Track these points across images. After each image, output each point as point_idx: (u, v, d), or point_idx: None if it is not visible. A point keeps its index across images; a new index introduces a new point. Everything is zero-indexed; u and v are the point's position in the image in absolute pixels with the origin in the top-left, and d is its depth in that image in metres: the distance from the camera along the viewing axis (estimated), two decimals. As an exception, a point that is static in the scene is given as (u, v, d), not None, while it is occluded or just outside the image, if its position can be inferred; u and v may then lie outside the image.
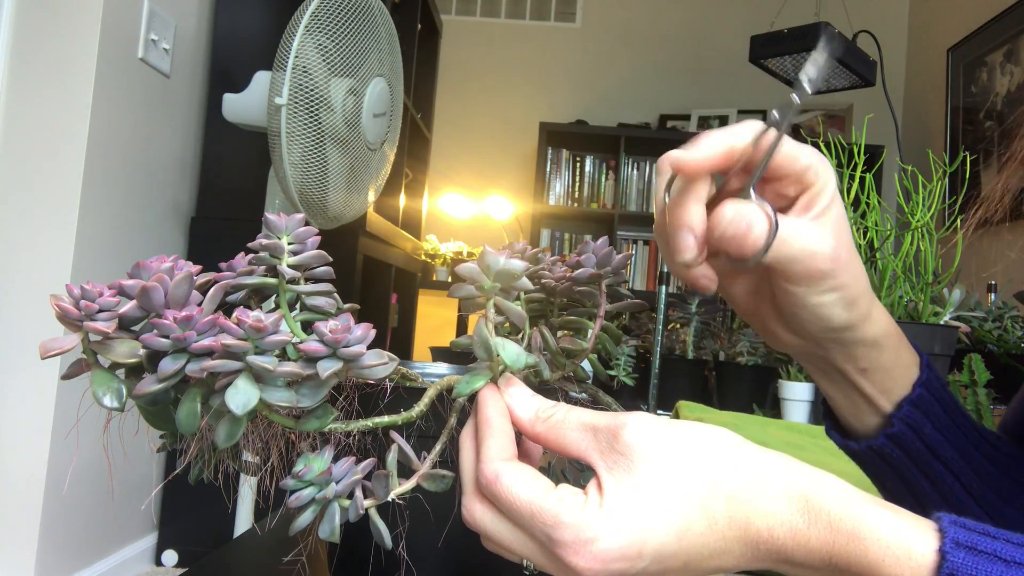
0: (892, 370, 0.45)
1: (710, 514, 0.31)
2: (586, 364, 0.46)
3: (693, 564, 0.32)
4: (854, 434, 0.49)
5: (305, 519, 0.36)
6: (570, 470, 0.47)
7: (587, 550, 0.31)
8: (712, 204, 0.38)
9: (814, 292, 0.39)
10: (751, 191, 0.37)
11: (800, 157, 0.38)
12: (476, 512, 0.34)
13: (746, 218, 0.36)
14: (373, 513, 0.38)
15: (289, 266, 0.39)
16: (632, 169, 4.05)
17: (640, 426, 0.33)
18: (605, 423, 0.33)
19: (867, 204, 0.86)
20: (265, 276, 0.41)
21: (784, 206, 0.39)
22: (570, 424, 0.34)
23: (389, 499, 0.37)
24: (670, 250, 0.38)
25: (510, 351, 0.37)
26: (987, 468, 0.48)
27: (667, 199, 0.38)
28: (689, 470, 0.32)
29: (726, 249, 0.37)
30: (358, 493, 0.37)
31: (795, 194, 0.39)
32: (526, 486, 0.33)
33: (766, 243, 0.36)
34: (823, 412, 0.51)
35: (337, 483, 0.37)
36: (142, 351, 0.34)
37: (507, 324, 0.46)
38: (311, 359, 0.35)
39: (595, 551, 0.31)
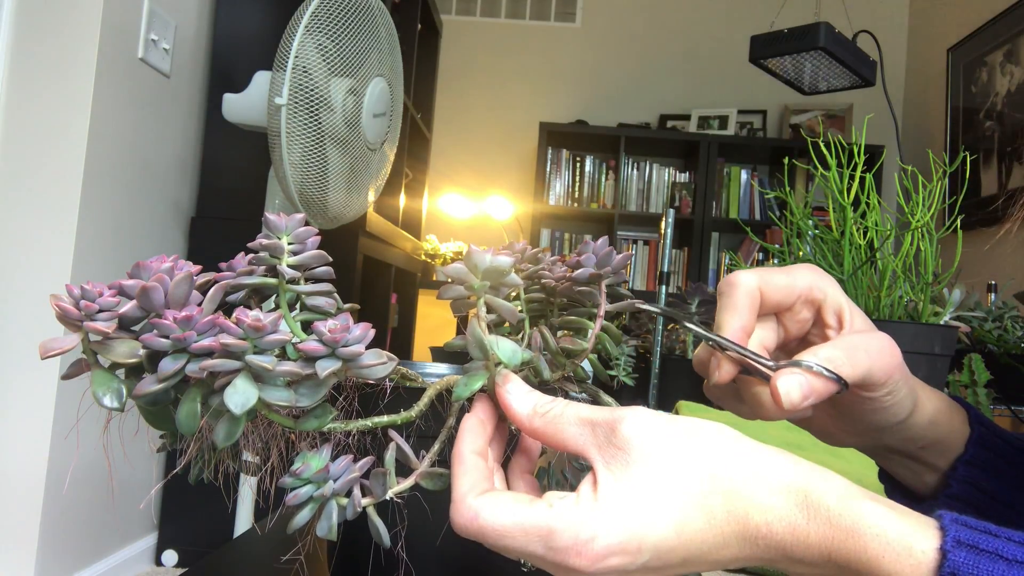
0: (947, 438, 0.46)
1: (708, 509, 0.31)
2: (586, 364, 0.46)
3: (692, 559, 0.31)
4: (914, 493, 0.50)
5: (303, 517, 0.36)
6: (570, 470, 0.47)
7: (588, 548, 0.30)
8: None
9: (889, 391, 0.40)
10: (762, 364, 0.39)
11: (795, 283, 0.41)
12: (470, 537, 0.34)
13: (804, 387, 0.37)
14: (371, 512, 0.38)
15: (289, 266, 0.39)
16: (632, 169, 4.05)
17: (638, 420, 0.32)
18: (603, 417, 0.33)
19: (867, 204, 0.86)
20: (265, 276, 0.41)
21: (811, 329, 0.42)
22: (568, 419, 0.34)
23: (387, 497, 0.37)
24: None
25: (505, 348, 0.36)
26: None
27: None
28: (687, 465, 0.32)
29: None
30: (356, 491, 0.37)
31: (811, 314, 0.42)
32: (508, 510, 0.32)
33: (840, 382, 0.38)
34: (880, 476, 0.51)
35: (335, 481, 0.37)
36: (142, 351, 0.34)
37: (507, 324, 0.46)
38: (310, 359, 0.35)
39: (596, 548, 0.30)
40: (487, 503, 0.33)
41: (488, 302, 0.38)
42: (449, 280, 0.38)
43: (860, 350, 0.38)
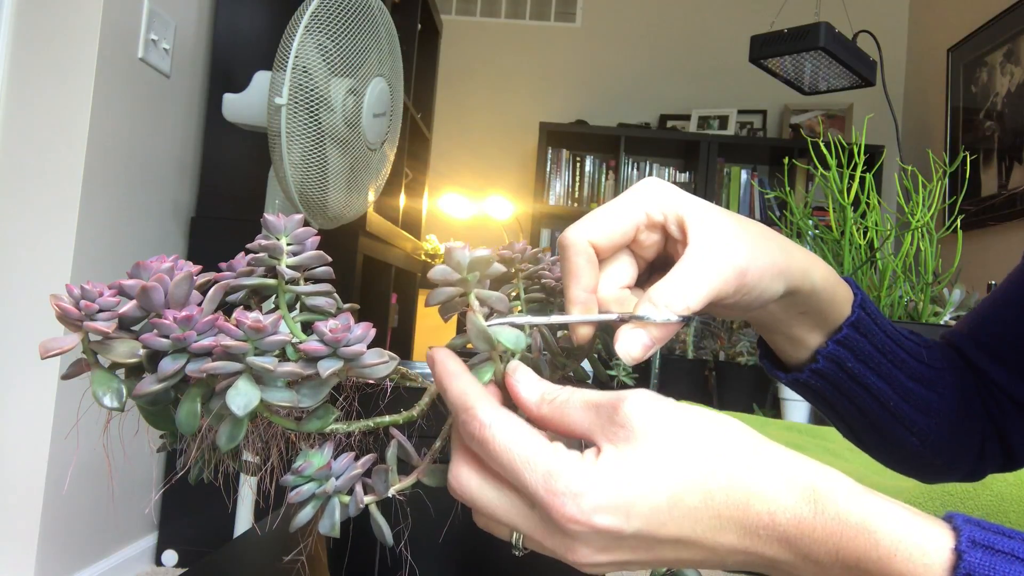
0: (828, 310, 0.46)
1: (707, 489, 0.31)
2: (586, 364, 0.46)
3: (686, 539, 0.31)
4: (786, 365, 0.51)
5: (305, 515, 0.36)
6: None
7: (579, 501, 0.30)
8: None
9: (742, 294, 0.39)
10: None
11: (628, 218, 0.39)
12: (463, 477, 0.33)
13: (644, 341, 0.38)
14: (374, 510, 0.38)
15: (288, 267, 0.39)
16: (632, 169, 4.05)
17: (640, 400, 0.32)
18: (607, 399, 0.33)
19: (867, 204, 0.86)
20: (264, 277, 0.41)
21: (672, 248, 0.41)
22: (574, 404, 0.34)
23: (389, 495, 0.37)
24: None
25: (508, 336, 0.36)
26: (910, 387, 0.50)
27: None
28: (692, 445, 0.31)
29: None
30: (358, 488, 0.37)
31: (660, 235, 0.40)
32: (524, 434, 0.32)
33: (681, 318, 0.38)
34: (757, 341, 0.53)
35: (337, 478, 0.37)
36: (142, 351, 0.34)
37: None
38: (311, 359, 0.35)
39: (586, 502, 0.30)
40: (504, 417, 0.33)
41: (478, 295, 0.38)
42: (434, 286, 0.38)
43: (697, 279, 0.37)
